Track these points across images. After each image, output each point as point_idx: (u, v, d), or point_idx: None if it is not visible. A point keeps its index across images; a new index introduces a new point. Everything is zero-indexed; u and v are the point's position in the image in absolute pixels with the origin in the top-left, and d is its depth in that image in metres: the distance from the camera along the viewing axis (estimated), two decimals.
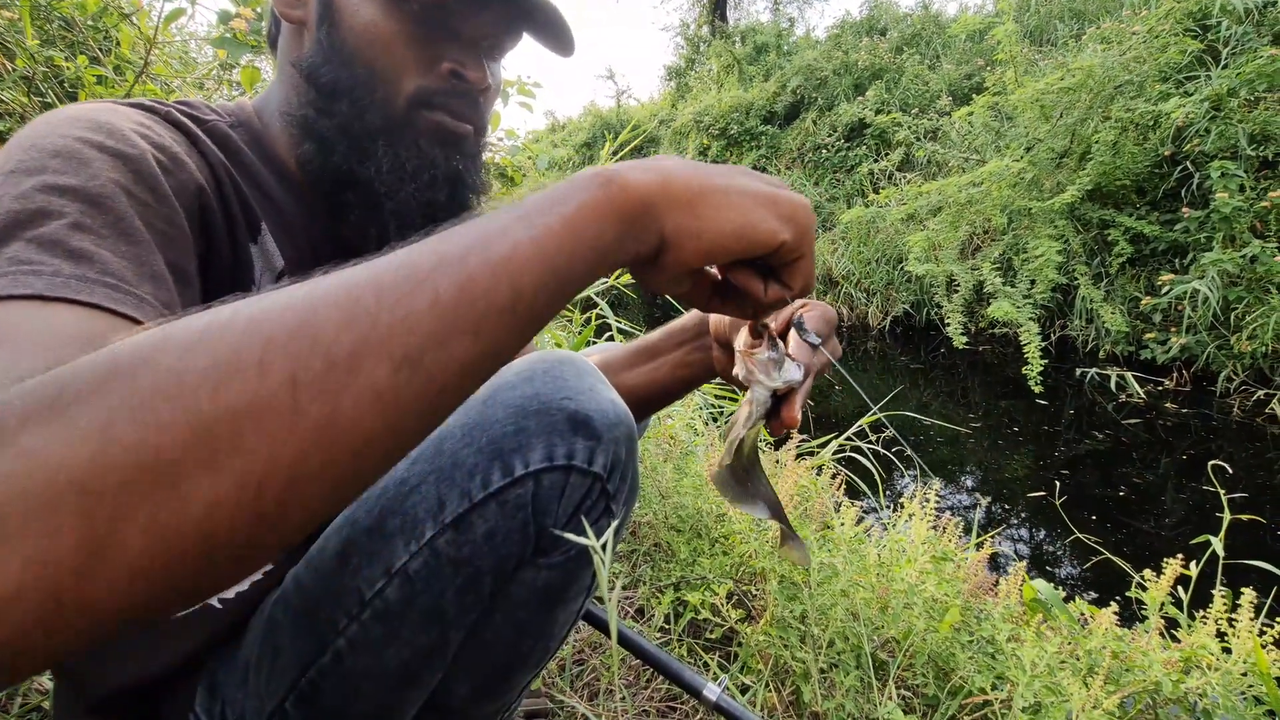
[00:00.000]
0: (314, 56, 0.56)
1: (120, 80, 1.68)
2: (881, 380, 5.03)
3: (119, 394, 0.23)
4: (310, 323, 0.26)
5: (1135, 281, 4.70)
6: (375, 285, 0.28)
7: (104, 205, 0.39)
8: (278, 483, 0.25)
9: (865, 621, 1.16)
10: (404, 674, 0.56)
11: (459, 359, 0.29)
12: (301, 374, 0.25)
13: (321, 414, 0.25)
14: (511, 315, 0.30)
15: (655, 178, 0.35)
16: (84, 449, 0.22)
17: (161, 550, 0.23)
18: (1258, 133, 4.18)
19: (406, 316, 0.27)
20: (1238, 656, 1.06)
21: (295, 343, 0.25)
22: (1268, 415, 3.72)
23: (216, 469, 0.23)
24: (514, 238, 0.30)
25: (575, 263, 0.32)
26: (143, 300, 0.36)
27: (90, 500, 0.22)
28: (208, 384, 0.24)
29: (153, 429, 0.23)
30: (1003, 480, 3.23)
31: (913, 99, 7.73)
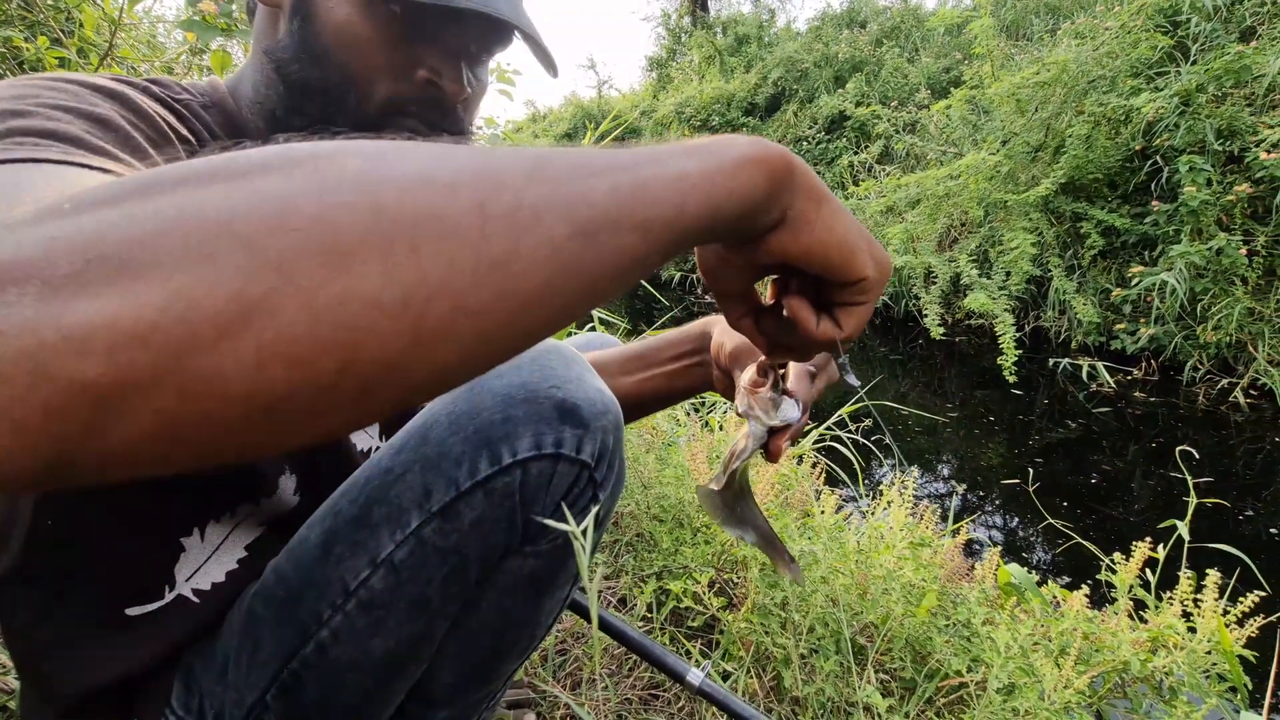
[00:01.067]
0: (286, 50, 0.54)
1: (84, 63, 1.63)
2: (860, 371, 5.08)
3: (305, 172, 0.23)
4: (498, 167, 0.26)
5: (1106, 273, 4.80)
6: (561, 156, 0.28)
7: (109, 123, 0.41)
8: (442, 305, 0.23)
9: (845, 607, 1.18)
10: (389, 664, 0.55)
11: (626, 250, 0.28)
12: (490, 204, 0.24)
13: (500, 249, 0.24)
14: (671, 231, 0.30)
15: (797, 161, 0.36)
16: (263, 207, 0.21)
17: (308, 334, 0.21)
18: (1224, 128, 4.28)
19: (588, 192, 0.27)
20: (1202, 636, 1.09)
21: (484, 179, 0.25)
22: (1231, 403, 3.83)
23: (389, 270, 0.22)
24: (681, 165, 0.31)
25: (730, 204, 0.33)
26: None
27: (255, 259, 0.20)
28: (395, 186, 0.23)
29: (334, 208, 0.22)
30: (978, 468, 3.30)
31: (892, 92, 7.79)
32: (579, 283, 0.27)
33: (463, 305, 0.24)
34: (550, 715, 1.07)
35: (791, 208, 0.36)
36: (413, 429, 0.53)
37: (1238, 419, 3.67)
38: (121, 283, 0.19)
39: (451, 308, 0.23)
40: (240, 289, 0.20)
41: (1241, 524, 2.56)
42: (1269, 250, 4.03)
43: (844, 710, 1.05)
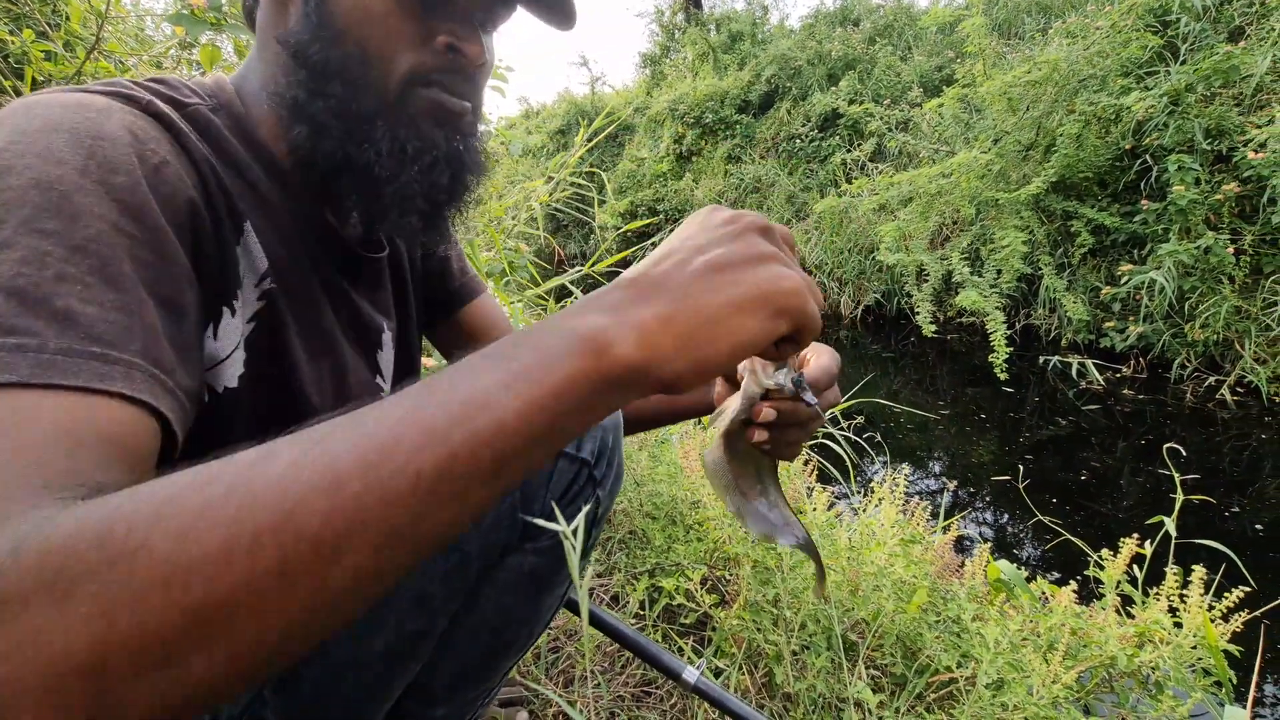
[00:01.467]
0: (301, 33, 0.52)
1: (71, 57, 1.61)
2: (853, 368, 5.10)
3: (118, 581, 0.25)
4: (298, 513, 0.27)
5: (1096, 272, 4.83)
6: (360, 467, 0.28)
7: (89, 249, 0.37)
8: (267, 652, 0.27)
9: (836, 604, 1.18)
10: (388, 660, 0.55)
11: (441, 527, 0.30)
12: (290, 563, 0.26)
13: (308, 595, 0.27)
14: (494, 483, 0.30)
15: (643, 343, 0.33)
16: (87, 633, 0.24)
17: (164, 715, 0.25)
18: (1213, 127, 4.31)
19: (391, 501, 0.28)
20: (1188, 631, 1.11)
21: (283, 534, 0.26)
22: (1218, 401, 3.87)
23: (211, 649, 0.25)
24: (499, 411, 0.30)
25: (562, 429, 0.32)
26: (131, 366, 0.36)
27: (95, 681, 0.24)
28: (202, 574, 0.25)
29: (152, 616, 0.25)
30: (969, 465, 3.32)
31: (885, 90, 7.80)
32: (400, 571, 0.30)
33: (286, 644, 0.27)
34: (542, 713, 1.07)
35: (663, 378, 0.34)
36: None
37: (1224, 416, 3.71)
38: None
39: (278, 648, 0.27)
40: (93, 710, 0.24)
41: (1227, 520, 2.59)
42: (1256, 249, 4.07)
43: (835, 706, 1.06)
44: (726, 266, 0.36)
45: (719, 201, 8.77)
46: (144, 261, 0.40)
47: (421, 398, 0.30)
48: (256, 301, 0.52)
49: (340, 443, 0.29)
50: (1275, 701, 1.70)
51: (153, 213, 0.41)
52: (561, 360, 0.31)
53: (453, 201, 0.59)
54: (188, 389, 0.41)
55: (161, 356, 0.39)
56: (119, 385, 0.35)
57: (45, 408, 0.32)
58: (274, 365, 0.54)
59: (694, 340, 0.34)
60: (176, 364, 0.40)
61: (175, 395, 0.39)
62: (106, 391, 0.34)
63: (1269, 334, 3.94)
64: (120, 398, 0.35)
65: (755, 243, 0.37)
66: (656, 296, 0.34)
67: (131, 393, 0.35)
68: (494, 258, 2.09)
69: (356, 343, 0.64)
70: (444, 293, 0.81)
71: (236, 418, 0.51)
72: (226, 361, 0.50)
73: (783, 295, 0.36)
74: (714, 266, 0.35)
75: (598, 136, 2.51)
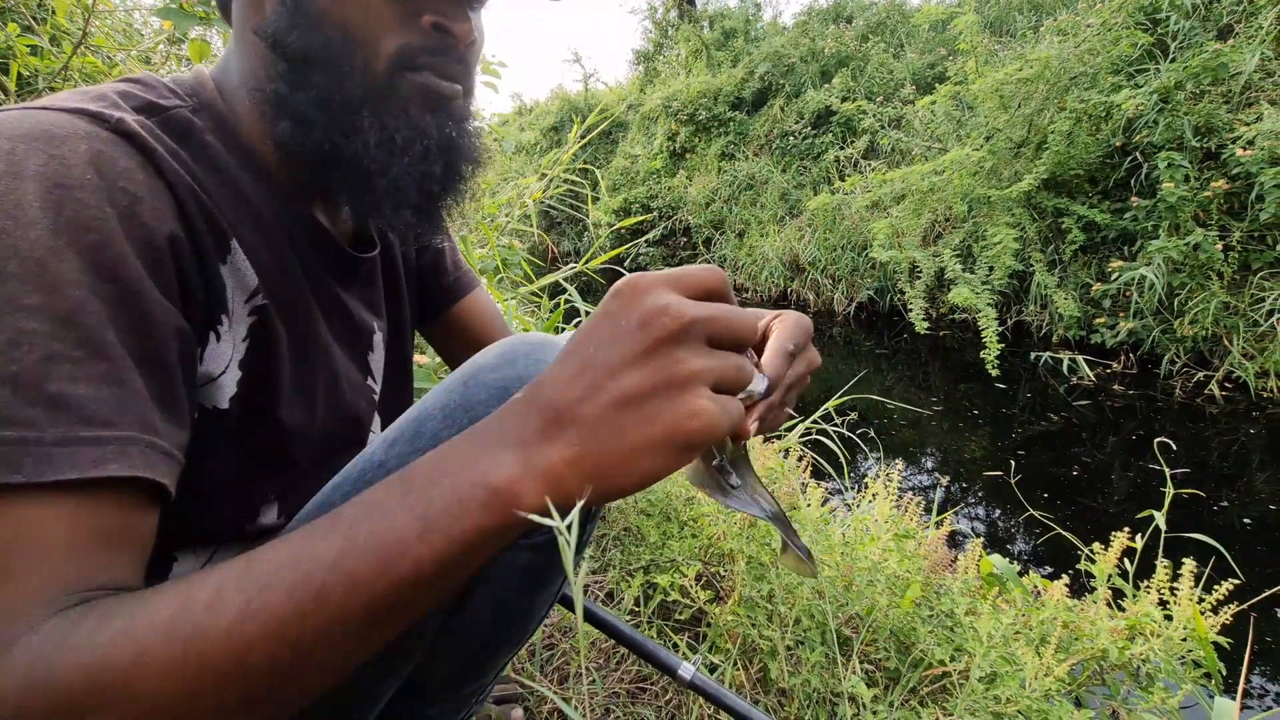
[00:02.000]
0: (278, 21, 0.50)
1: (57, 52, 1.59)
2: (846, 365, 5.12)
3: (118, 710, 0.31)
4: (250, 658, 0.32)
5: (1087, 268, 4.87)
6: (299, 615, 0.32)
7: (73, 321, 0.37)
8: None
9: (830, 599, 1.19)
10: (379, 660, 0.55)
11: (378, 644, 0.36)
12: (251, 695, 0.33)
13: (272, 711, 0.34)
14: (419, 606, 0.35)
15: (551, 489, 0.34)
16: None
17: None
18: (1202, 125, 4.35)
19: (329, 641, 0.33)
20: (1178, 623, 1.12)
21: (240, 675, 0.32)
22: (1206, 396, 3.91)
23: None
24: (417, 558, 0.33)
25: (476, 561, 0.35)
26: (126, 442, 0.38)
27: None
28: (180, 712, 0.32)
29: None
30: (962, 461, 3.34)
31: (878, 87, 7.81)
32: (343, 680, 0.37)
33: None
34: (538, 710, 1.07)
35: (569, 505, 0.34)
36: (406, 421, 0.52)
37: (1213, 411, 3.74)
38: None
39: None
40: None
41: (1216, 514, 2.62)
42: (1244, 246, 4.10)
43: (829, 701, 1.06)
44: (637, 400, 0.34)
45: (712, 199, 8.80)
46: (125, 324, 0.39)
47: (348, 541, 0.34)
48: (248, 318, 0.51)
49: (279, 592, 0.33)
50: (1263, 693, 1.72)
51: (130, 268, 0.40)
52: (471, 513, 0.33)
53: (448, 192, 0.57)
54: (179, 443, 0.42)
55: (153, 420, 0.40)
56: (114, 468, 0.36)
57: (48, 516, 0.35)
58: (267, 381, 0.53)
59: (601, 479, 0.34)
60: (168, 423, 0.41)
61: (171, 457, 0.40)
62: (104, 479, 0.36)
63: (1257, 330, 3.98)
64: (117, 481, 0.37)
65: (669, 364, 0.34)
66: (565, 434, 0.34)
67: (129, 472, 0.37)
68: (488, 254, 2.08)
69: (348, 347, 0.63)
70: (437, 289, 0.81)
71: (221, 437, 0.50)
72: (218, 382, 0.49)
73: (692, 435, 0.34)
74: (624, 401, 0.34)
75: (591, 133, 2.50)
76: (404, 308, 0.74)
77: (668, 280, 0.36)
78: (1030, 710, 0.95)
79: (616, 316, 0.35)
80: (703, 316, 0.35)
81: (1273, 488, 2.85)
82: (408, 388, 0.75)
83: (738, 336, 0.37)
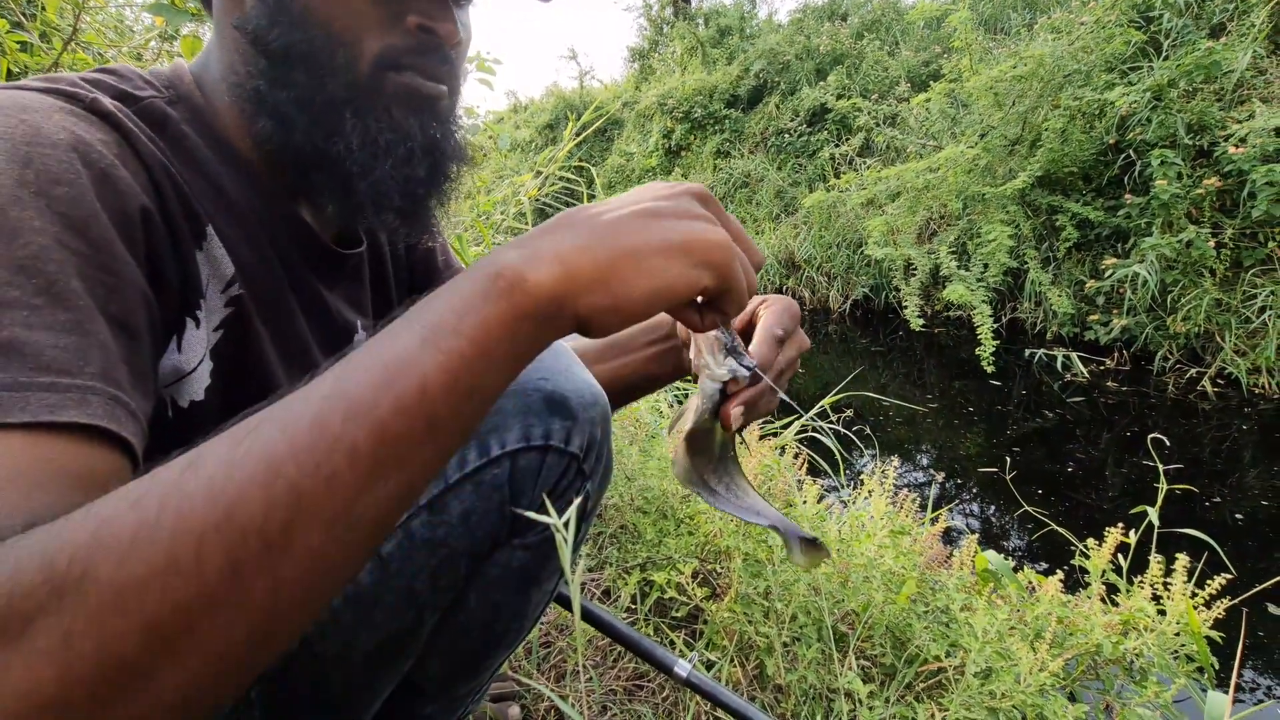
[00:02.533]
0: (260, 17, 0.49)
1: (47, 48, 1.57)
2: (842, 362, 5.13)
3: (69, 611, 0.24)
4: (237, 508, 0.26)
5: (1081, 265, 4.89)
6: (292, 451, 0.27)
7: (32, 268, 0.35)
8: (239, 654, 0.27)
9: (826, 595, 1.19)
10: (376, 658, 0.55)
11: (389, 496, 0.30)
12: (239, 561, 0.26)
13: (266, 589, 0.27)
14: (433, 442, 0.30)
15: (558, 269, 0.32)
16: (49, 669, 0.24)
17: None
18: (1194, 122, 4.37)
19: (329, 478, 0.27)
20: (1172, 618, 1.12)
21: (226, 533, 0.26)
22: (1199, 392, 3.93)
23: (179, 661, 0.25)
24: (422, 369, 0.29)
25: (490, 377, 0.32)
26: (86, 391, 0.34)
27: (66, 714, 0.24)
28: (152, 590, 0.25)
29: (110, 639, 0.24)
30: (957, 457, 3.35)
31: (873, 85, 7.82)
32: (358, 548, 0.30)
33: (256, 642, 0.27)
34: (535, 708, 1.07)
35: (579, 312, 0.34)
36: None
37: (1205, 407, 3.77)
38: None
39: (248, 649, 0.27)
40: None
41: (1209, 509, 2.64)
42: (1236, 243, 4.13)
43: (825, 697, 1.07)
44: (655, 214, 0.35)
45: None
46: (93, 278, 0.37)
47: (345, 369, 0.30)
48: (224, 309, 0.50)
49: (270, 429, 0.28)
50: (1255, 687, 1.74)
51: (100, 225, 0.38)
52: (475, 305, 0.31)
53: (432, 193, 0.56)
54: (145, 411, 0.39)
55: (120, 376, 0.37)
56: (72, 414, 0.33)
57: (6, 452, 0.31)
58: (243, 373, 0.51)
59: (613, 272, 0.33)
60: (134, 386, 0.38)
61: (136, 418, 0.37)
62: (60, 424, 0.33)
63: (1248, 326, 4.00)
64: (77, 428, 0.33)
65: (689, 203, 0.37)
66: (580, 229, 0.34)
67: (87, 420, 0.34)
68: (483, 252, 2.08)
69: (326, 346, 0.62)
70: (427, 286, 0.80)
71: (203, 431, 0.49)
72: (193, 375, 0.47)
73: (708, 247, 0.35)
74: (642, 212, 0.35)
75: (586, 131, 2.50)
76: (392, 305, 0.73)
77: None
78: (1025, 705, 0.96)
79: (644, 186, 0.39)
80: (715, 200, 0.39)
81: (1264, 483, 2.88)
82: None
83: (740, 232, 0.40)
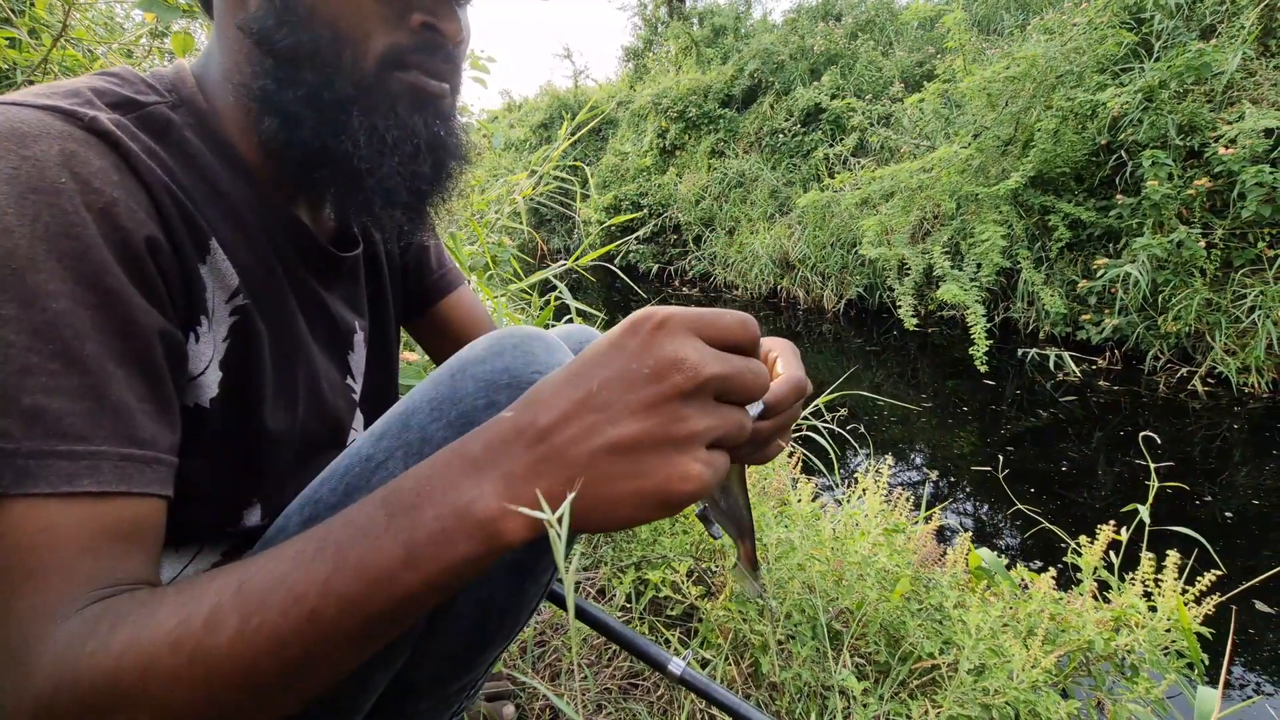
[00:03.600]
0: (266, 18, 0.49)
1: (36, 45, 1.56)
2: (836, 362, 5.15)
3: (138, 714, 0.33)
4: (254, 673, 0.34)
5: (1073, 265, 4.92)
6: (296, 632, 0.34)
7: (49, 333, 0.37)
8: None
9: (821, 593, 1.19)
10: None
11: (369, 653, 0.37)
12: (257, 701, 0.35)
13: (292, 696, 0.36)
14: (403, 625, 0.36)
15: (533, 521, 0.33)
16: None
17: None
18: (1185, 123, 4.40)
19: (325, 653, 0.34)
20: (1162, 615, 1.13)
21: (246, 690, 0.34)
22: (1190, 391, 3.96)
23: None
24: (405, 585, 0.34)
25: (453, 590, 0.36)
26: (98, 458, 0.38)
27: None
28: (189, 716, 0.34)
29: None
30: (950, 456, 3.36)
31: (867, 85, 7.84)
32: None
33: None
34: (529, 706, 1.06)
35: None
36: (393, 415, 0.52)
37: (1196, 406, 3.80)
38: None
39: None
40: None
41: (1199, 507, 2.66)
42: (1226, 243, 4.16)
43: (820, 694, 1.07)
44: (634, 450, 0.33)
45: (702, 196, 8.80)
46: (108, 330, 0.40)
47: (336, 567, 0.34)
48: (229, 318, 0.50)
49: (274, 612, 0.34)
50: (1244, 683, 1.75)
51: (110, 273, 0.40)
52: (456, 545, 0.34)
53: (436, 190, 0.57)
54: (172, 445, 0.43)
55: (136, 430, 0.40)
56: (85, 483, 0.37)
57: (48, 518, 0.36)
58: (248, 380, 0.52)
59: (586, 518, 0.34)
60: (156, 429, 0.41)
61: (156, 462, 0.41)
62: (79, 493, 0.37)
63: (1238, 326, 4.04)
64: (91, 495, 0.37)
65: (675, 421, 0.33)
66: (551, 472, 0.33)
67: (98, 488, 0.37)
68: (477, 251, 2.08)
69: (327, 347, 0.62)
70: (422, 286, 0.80)
71: (203, 438, 0.49)
72: (198, 381, 0.48)
73: (678, 497, 0.33)
74: (620, 448, 0.33)
75: (581, 130, 2.49)
76: (388, 305, 0.73)
77: (693, 324, 0.34)
78: (1018, 701, 0.96)
79: (630, 356, 0.33)
80: (719, 374, 0.33)
81: (1253, 482, 2.90)
82: (392, 385, 0.74)
83: (750, 397, 0.36)
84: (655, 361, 0.33)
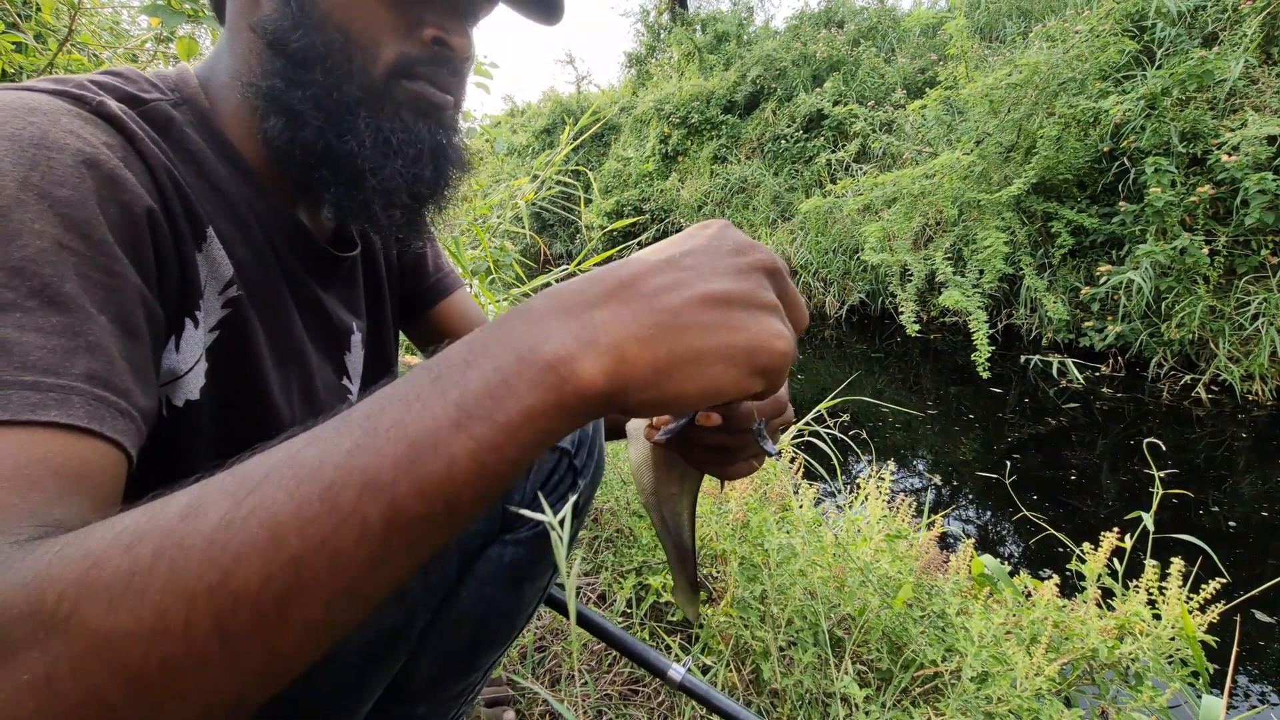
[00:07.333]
0: (281, 20, 0.50)
1: (43, 49, 1.57)
2: (838, 367, 5.14)
3: (54, 651, 0.24)
4: (233, 575, 0.25)
5: (1076, 272, 4.91)
6: (298, 521, 0.26)
7: (27, 270, 0.36)
8: (227, 707, 0.26)
9: (823, 600, 1.19)
10: (365, 658, 0.54)
11: (394, 577, 0.28)
12: (230, 628, 0.25)
13: (256, 657, 0.26)
14: (450, 526, 0.29)
15: (613, 365, 0.30)
16: (31, 701, 0.24)
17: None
18: (1188, 130, 4.40)
19: (334, 555, 0.26)
20: (1167, 622, 1.12)
21: (219, 600, 0.25)
22: (1193, 399, 3.95)
23: (164, 713, 0.25)
24: (450, 453, 0.27)
25: (520, 462, 0.29)
26: (69, 392, 0.35)
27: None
28: (138, 644, 0.24)
29: (92, 686, 0.24)
30: (953, 463, 3.35)
31: (869, 91, 7.87)
32: (357, 620, 0.28)
33: (243, 703, 0.26)
34: (529, 712, 1.06)
35: (627, 406, 0.31)
36: None
37: (1199, 414, 3.78)
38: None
39: (235, 708, 0.26)
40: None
41: (1203, 515, 2.64)
42: (1229, 250, 4.15)
43: (822, 701, 1.06)
44: (727, 304, 0.31)
45: (705, 202, 8.82)
46: (92, 279, 0.38)
47: (366, 433, 0.28)
48: (221, 310, 0.50)
49: (277, 491, 0.26)
50: (1249, 692, 1.74)
51: (100, 228, 0.39)
52: (517, 391, 0.28)
53: (435, 196, 0.58)
54: (144, 409, 0.39)
55: (112, 377, 0.37)
56: (53, 414, 0.33)
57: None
58: (239, 374, 0.52)
59: (670, 373, 0.30)
60: (132, 383, 0.39)
61: (129, 416, 0.38)
62: (43, 422, 0.33)
63: (1242, 333, 4.03)
64: (62, 427, 0.34)
65: (761, 288, 0.33)
66: (640, 309, 0.30)
67: (67, 420, 0.34)
68: (480, 255, 2.08)
69: (323, 347, 0.62)
70: (419, 290, 0.80)
71: (198, 430, 0.49)
72: (188, 375, 0.48)
73: (772, 357, 0.32)
74: (713, 300, 0.31)
75: (583, 135, 2.50)
76: (385, 307, 0.73)
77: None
78: (1021, 710, 0.96)
79: (710, 238, 0.34)
80: (785, 271, 0.35)
81: (1258, 489, 2.89)
82: None
83: (798, 315, 0.36)
84: (735, 243, 0.34)
